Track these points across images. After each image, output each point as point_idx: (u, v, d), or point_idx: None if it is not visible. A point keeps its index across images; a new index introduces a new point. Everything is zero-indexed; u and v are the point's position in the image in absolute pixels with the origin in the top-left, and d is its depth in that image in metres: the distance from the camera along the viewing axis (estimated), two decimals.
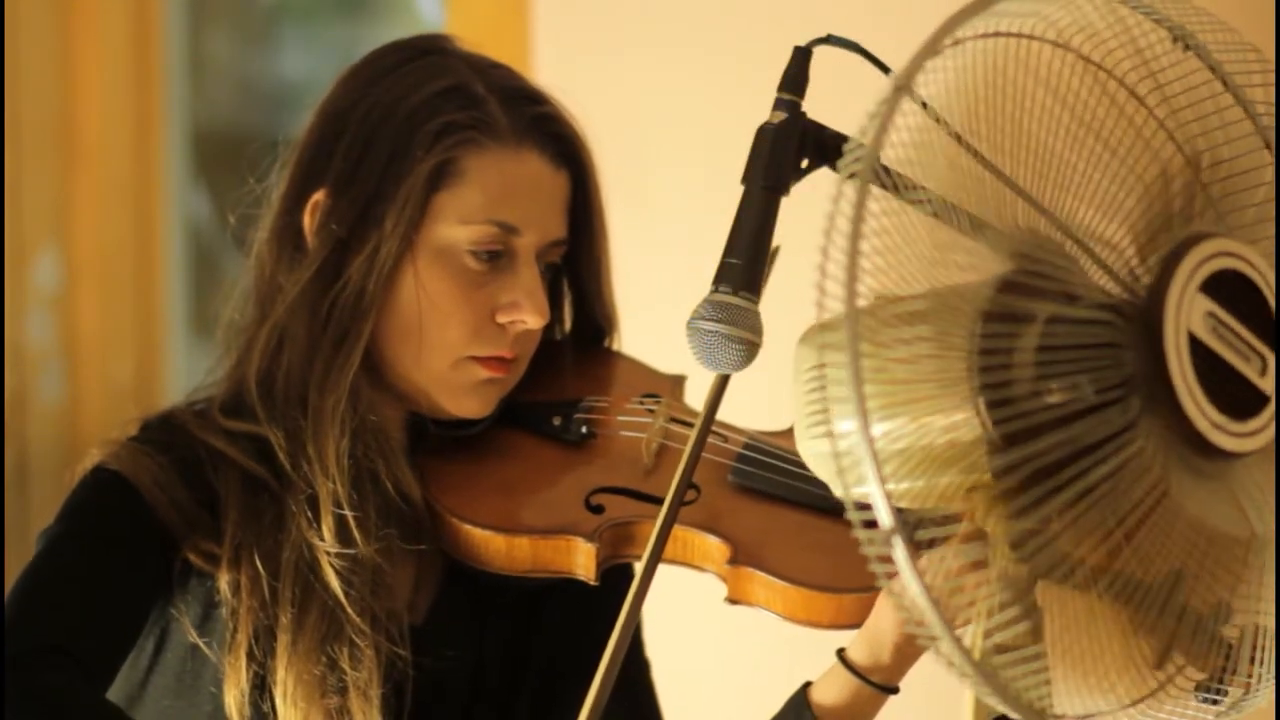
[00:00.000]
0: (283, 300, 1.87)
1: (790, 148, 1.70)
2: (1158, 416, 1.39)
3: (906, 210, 1.41)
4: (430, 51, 1.92)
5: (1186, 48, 1.47)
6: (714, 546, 1.85)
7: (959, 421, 1.42)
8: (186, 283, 3.92)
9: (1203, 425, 1.39)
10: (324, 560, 1.82)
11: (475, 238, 1.86)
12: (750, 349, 1.65)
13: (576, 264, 1.97)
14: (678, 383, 2.05)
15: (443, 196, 1.86)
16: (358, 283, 1.85)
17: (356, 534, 1.82)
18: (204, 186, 3.99)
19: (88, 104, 3.79)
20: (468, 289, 1.87)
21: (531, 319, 1.88)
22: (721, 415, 1.89)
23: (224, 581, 1.82)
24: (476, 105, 1.87)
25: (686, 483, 1.77)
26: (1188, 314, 1.39)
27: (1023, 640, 1.47)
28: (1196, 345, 1.40)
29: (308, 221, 1.89)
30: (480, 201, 1.86)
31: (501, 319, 1.88)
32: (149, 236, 3.85)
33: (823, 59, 1.74)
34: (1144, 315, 1.40)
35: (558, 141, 1.91)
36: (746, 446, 1.93)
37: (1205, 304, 1.40)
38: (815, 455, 1.55)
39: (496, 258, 1.87)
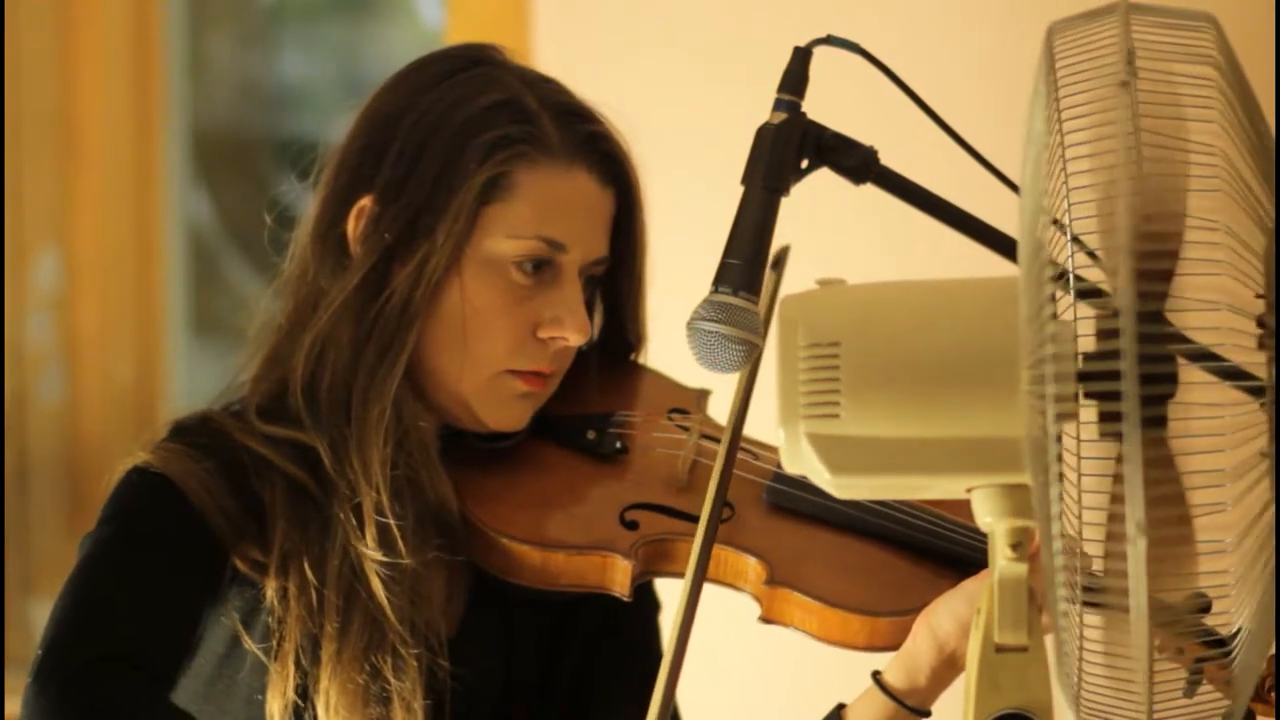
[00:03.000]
0: (326, 306, 1.86)
1: (790, 148, 1.71)
2: None
3: None
4: (481, 62, 1.91)
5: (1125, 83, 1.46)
6: (751, 566, 1.85)
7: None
8: (186, 283, 3.91)
9: None
10: (370, 568, 1.80)
11: (522, 252, 1.85)
12: (750, 349, 1.64)
13: (614, 281, 1.96)
14: (703, 397, 2.04)
15: (493, 210, 1.85)
16: (404, 293, 1.84)
17: (401, 543, 1.81)
18: (204, 186, 3.99)
19: (88, 104, 3.79)
20: (511, 303, 1.86)
21: (573, 335, 1.87)
22: (754, 433, 1.89)
23: (271, 589, 1.81)
24: (529, 120, 1.86)
25: (721, 502, 1.76)
26: None
27: (1020, 639, 1.47)
28: None
29: (352, 227, 1.87)
30: (530, 217, 1.86)
31: (543, 334, 1.87)
32: (149, 236, 3.85)
33: (823, 59, 1.74)
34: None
35: (607, 160, 1.90)
36: (780, 465, 1.92)
37: None
38: (810, 437, 1.52)
39: (541, 269, 1.87)
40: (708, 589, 1.83)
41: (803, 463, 1.51)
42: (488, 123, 1.85)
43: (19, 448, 3.70)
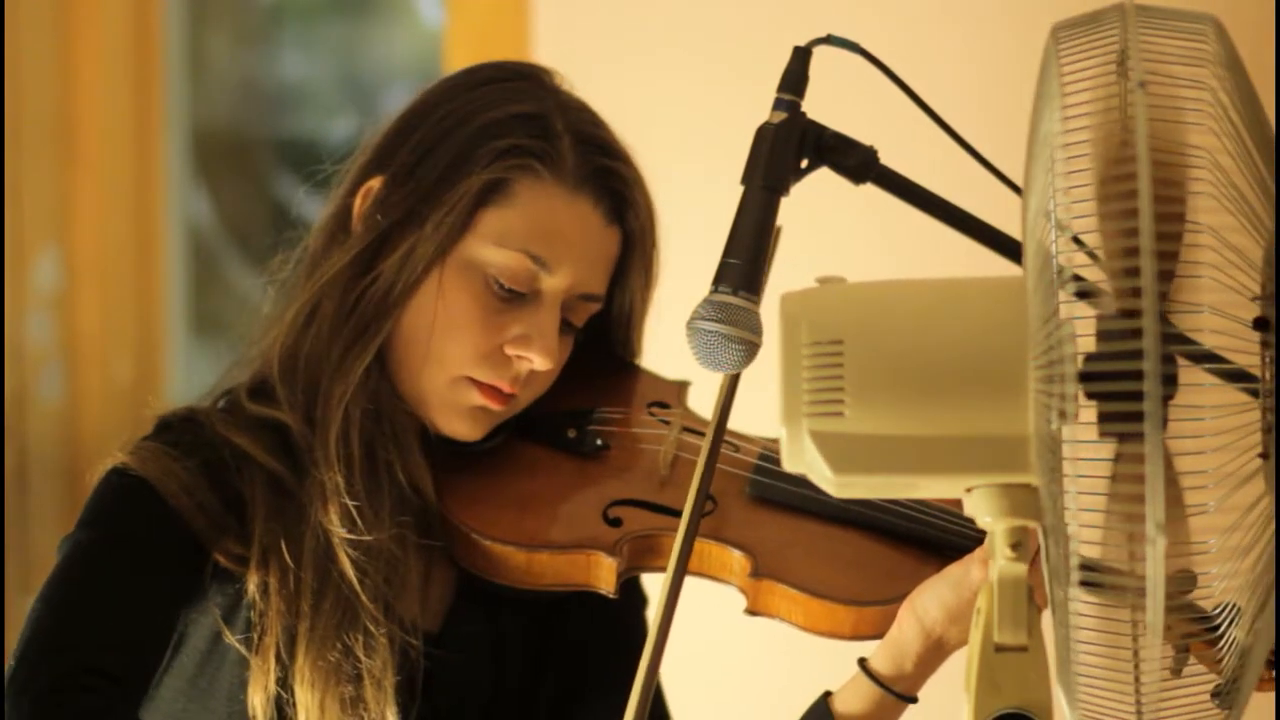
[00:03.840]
0: (319, 277, 1.87)
1: (790, 148, 1.71)
2: None
3: None
4: (527, 77, 1.93)
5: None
6: (736, 559, 1.85)
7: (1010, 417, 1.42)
8: (186, 283, 3.92)
9: None
10: (339, 546, 1.81)
11: (505, 264, 1.85)
12: (750, 349, 1.64)
13: (609, 308, 1.96)
14: (682, 389, 2.04)
15: (487, 213, 1.86)
16: (388, 279, 1.85)
17: (360, 522, 1.82)
18: (204, 186, 3.99)
19: (88, 104, 3.79)
20: (485, 311, 1.86)
21: (538, 359, 1.87)
22: (732, 423, 1.89)
23: (252, 583, 1.81)
24: (549, 138, 1.87)
25: (704, 497, 1.77)
26: None
27: (1020, 639, 1.47)
28: None
29: (357, 204, 1.89)
30: (520, 228, 1.86)
31: (509, 351, 1.87)
32: (149, 236, 3.85)
33: (823, 59, 1.74)
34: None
35: (616, 198, 1.90)
36: (762, 456, 1.93)
37: None
38: (813, 435, 1.52)
39: (518, 298, 1.87)
40: (695, 582, 1.83)
41: (804, 461, 1.51)
42: (507, 129, 1.86)
43: (19, 448, 3.70)
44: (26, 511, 3.68)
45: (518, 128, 1.86)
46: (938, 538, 1.87)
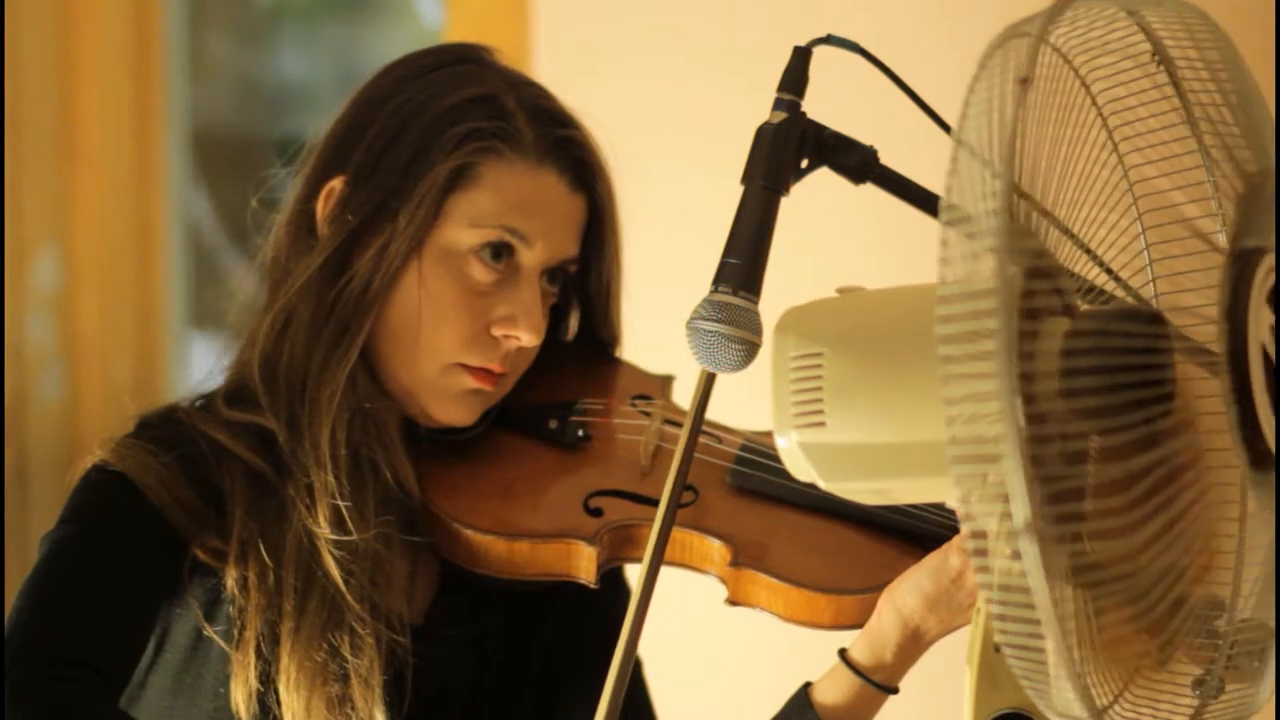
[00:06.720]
0: (290, 285, 1.88)
1: (790, 147, 1.71)
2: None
3: None
4: (469, 60, 1.94)
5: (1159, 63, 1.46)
6: (715, 549, 1.86)
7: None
8: (186, 283, 3.92)
9: (1268, 434, 1.38)
10: (324, 548, 1.82)
11: (483, 239, 1.86)
12: (750, 349, 1.65)
13: (585, 284, 1.98)
14: (667, 383, 2.06)
15: (457, 199, 1.87)
16: (364, 277, 1.86)
17: (350, 523, 1.82)
18: (204, 186, 3.99)
19: (88, 104, 3.79)
20: (468, 296, 1.87)
21: (526, 336, 1.88)
22: (716, 416, 1.89)
23: (231, 578, 1.82)
24: (505, 117, 1.88)
25: (681, 486, 1.77)
26: (1260, 327, 1.38)
27: (1021, 639, 1.47)
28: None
29: (321, 207, 1.90)
30: (493, 207, 1.87)
31: (496, 332, 1.88)
32: (149, 236, 3.85)
33: (823, 59, 1.74)
34: (1229, 326, 1.38)
35: (579, 166, 1.92)
36: (743, 447, 1.94)
37: (1269, 317, 1.39)
38: (802, 446, 1.53)
39: (501, 258, 1.87)
40: (677, 573, 1.84)
41: (801, 470, 1.52)
42: (463, 115, 1.87)
43: (19, 447, 3.70)
44: (26, 511, 3.68)
45: (472, 111, 1.88)
46: (918, 528, 1.88)
